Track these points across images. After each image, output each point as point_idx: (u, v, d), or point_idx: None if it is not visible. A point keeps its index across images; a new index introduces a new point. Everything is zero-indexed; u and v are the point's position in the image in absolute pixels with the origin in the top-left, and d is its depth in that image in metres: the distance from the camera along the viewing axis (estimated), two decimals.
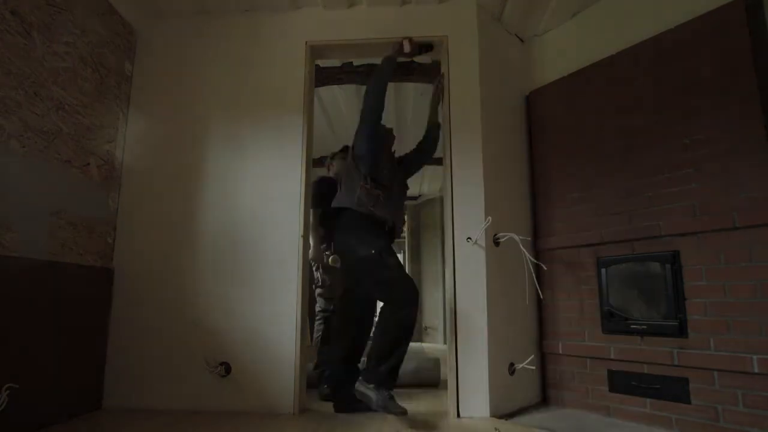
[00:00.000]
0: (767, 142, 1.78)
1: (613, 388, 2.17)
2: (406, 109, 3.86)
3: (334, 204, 2.22)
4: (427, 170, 5.51)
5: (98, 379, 2.26)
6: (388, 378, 1.95)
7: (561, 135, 2.57)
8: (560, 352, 2.40)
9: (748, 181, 1.81)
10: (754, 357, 1.71)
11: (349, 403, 2.16)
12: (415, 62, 3.07)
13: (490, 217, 2.30)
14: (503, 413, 2.20)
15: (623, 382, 2.13)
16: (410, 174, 2.53)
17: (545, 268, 2.48)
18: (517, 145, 2.69)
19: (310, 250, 2.66)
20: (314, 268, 2.89)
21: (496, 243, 2.35)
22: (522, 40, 2.85)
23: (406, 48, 2.36)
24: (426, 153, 2.52)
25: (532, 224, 2.65)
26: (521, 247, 2.37)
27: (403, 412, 1.86)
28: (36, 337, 1.88)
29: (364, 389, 1.95)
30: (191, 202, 2.45)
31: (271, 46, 2.57)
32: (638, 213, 2.16)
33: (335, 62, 3.07)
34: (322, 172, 3.13)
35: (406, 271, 2.68)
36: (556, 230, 2.51)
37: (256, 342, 2.28)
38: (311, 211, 2.57)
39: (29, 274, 1.85)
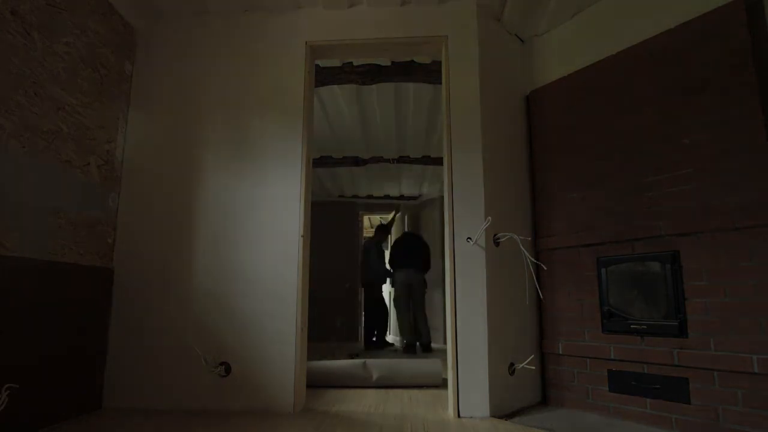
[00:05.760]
0: (767, 142, 1.78)
1: (613, 388, 2.17)
2: (406, 109, 3.86)
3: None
4: (427, 170, 5.51)
5: (98, 379, 2.26)
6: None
7: (561, 135, 2.57)
8: (560, 352, 2.40)
9: (748, 181, 1.82)
10: (754, 357, 1.71)
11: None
12: (415, 62, 3.08)
13: (490, 217, 2.30)
14: (503, 413, 2.20)
15: (623, 382, 2.13)
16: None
17: (545, 268, 2.48)
18: (517, 145, 2.69)
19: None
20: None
21: (496, 243, 2.35)
22: (522, 40, 2.85)
23: None
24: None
25: (532, 224, 2.65)
26: (521, 247, 2.37)
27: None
28: (36, 337, 1.88)
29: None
30: (191, 202, 2.45)
31: (271, 46, 2.58)
32: (638, 213, 2.16)
33: (335, 62, 3.07)
34: (322, 172, 3.13)
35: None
36: (556, 230, 2.51)
37: (256, 341, 2.28)
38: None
39: (29, 274, 1.85)
